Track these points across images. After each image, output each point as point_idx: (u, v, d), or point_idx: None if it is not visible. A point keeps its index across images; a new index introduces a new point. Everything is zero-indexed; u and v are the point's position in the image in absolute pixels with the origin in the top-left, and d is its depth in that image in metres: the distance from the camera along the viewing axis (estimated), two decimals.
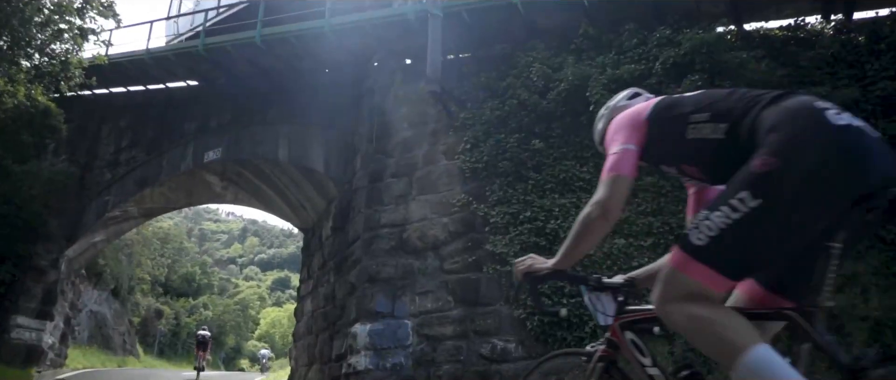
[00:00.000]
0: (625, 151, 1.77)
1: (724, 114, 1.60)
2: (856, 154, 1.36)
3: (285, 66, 11.94)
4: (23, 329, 14.52)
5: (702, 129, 1.63)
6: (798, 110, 1.45)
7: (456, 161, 8.49)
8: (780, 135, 1.40)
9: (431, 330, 7.94)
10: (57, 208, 15.35)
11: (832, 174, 1.35)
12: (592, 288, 2.01)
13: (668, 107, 1.79)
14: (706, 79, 6.46)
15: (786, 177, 1.36)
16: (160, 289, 34.98)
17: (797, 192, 1.34)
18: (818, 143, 1.37)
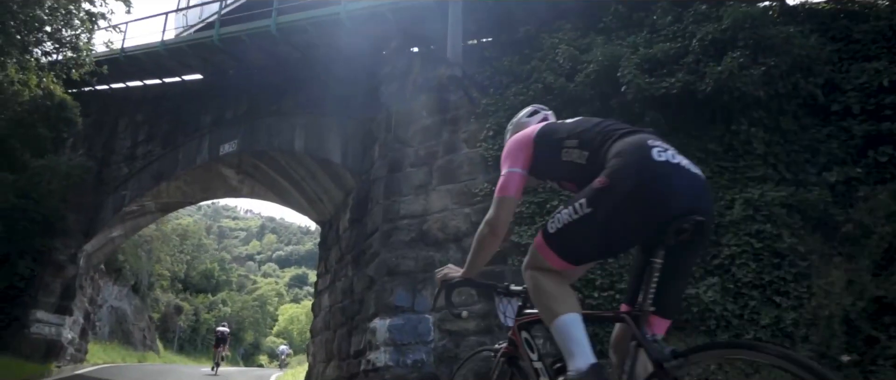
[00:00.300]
0: (510, 175, 2.12)
1: (587, 142, 1.95)
2: (665, 185, 1.70)
3: (301, 55, 11.68)
4: (42, 324, 14.49)
5: (572, 153, 1.99)
6: (633, 144, 1.81)
7: (478, 149, 8.12)
8: (615, 162, 1.78)
9: (454, 325, 7.60)
10: (75, 203, 15.32)
11: (644, 198, 1.70)
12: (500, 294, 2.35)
13: (550, 133, 2.13)
14: (749, 55, 6.03)
15: (611, 194, 1.73)
16: (180, 285, 35.19)
17: (617, 207, 1.71)
18: (638, 172, 1.72)
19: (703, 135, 6.48)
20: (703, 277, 5.95)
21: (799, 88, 6.01)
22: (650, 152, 1.75)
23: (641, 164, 1.73)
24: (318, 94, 11.81)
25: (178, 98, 15.18)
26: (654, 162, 1.72)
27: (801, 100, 6.10)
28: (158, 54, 13.91)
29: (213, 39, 12.40)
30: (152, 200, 15.56)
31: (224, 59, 13.02)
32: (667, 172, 1.72)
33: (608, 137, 1.91)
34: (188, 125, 14.55)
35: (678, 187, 1.72)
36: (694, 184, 1.76)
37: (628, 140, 1.85)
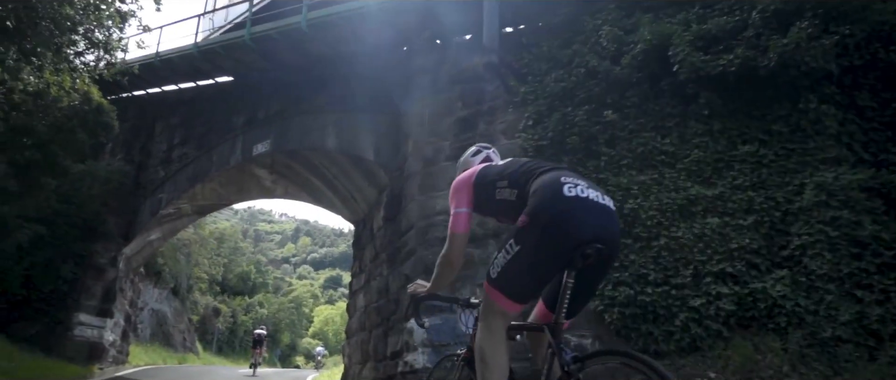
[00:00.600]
0: (458, 214, 2.46)
1: (515, 182, 2.26)
2: (573, 216, 2.03)
3: (331, 51, 11.48)
4: (85, 327, 14.69)
5: (503, 192, 2.31)
6: (547, 182, 2.13)
7: (517, 140, 7.73)
8: (532, 200, 2.11)
9: None
10: (114, 207, 15.52)
11: (557, 229, 2.02)
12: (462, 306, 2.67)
13: (485, 176, 2.44)
14: (818, 25, 5.49)
15: (532, 230, 2.06)
16: (217, 288, 35.69)
17: (538, 240, 2.04)
18: (551, 208, 2.05)
19: (765, 115, 5.96)
20: (769, 269, 5.44)
21: (878, 59, 5.44)
22: (561, 189, 2.07)
23: (553, 200, 2.06)
24: (350, 90, 11.62)
25: (212, 100, 15.24)
26: (564, 197, 2.05)
27: (879, 72, 5.52)
28: (192, 56, 13.94)
29: (244, 39, 12.32)
30: (188, 203, 15.65)
31: (255, 58, 12.94)
32: (575, 206, 2.04)
33: (530, 176, 2.24)
34: (221, 127, 14.59)
35: (584, 219, 2.03)
36: (600, 214, 2.07)
37: (544, 178, 2.17)
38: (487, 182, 2.42)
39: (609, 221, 2.09)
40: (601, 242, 2.00)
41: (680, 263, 5.86)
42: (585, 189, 2.07)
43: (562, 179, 2.11)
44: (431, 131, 8.84)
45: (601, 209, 2.07)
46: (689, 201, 5.98)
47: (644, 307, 5.89)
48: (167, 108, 16.65)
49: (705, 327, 5.48)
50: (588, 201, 2.05)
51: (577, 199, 2.04)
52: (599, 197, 2.09)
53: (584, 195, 2.05)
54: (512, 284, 2.16)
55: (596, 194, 2.08)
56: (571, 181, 2.09)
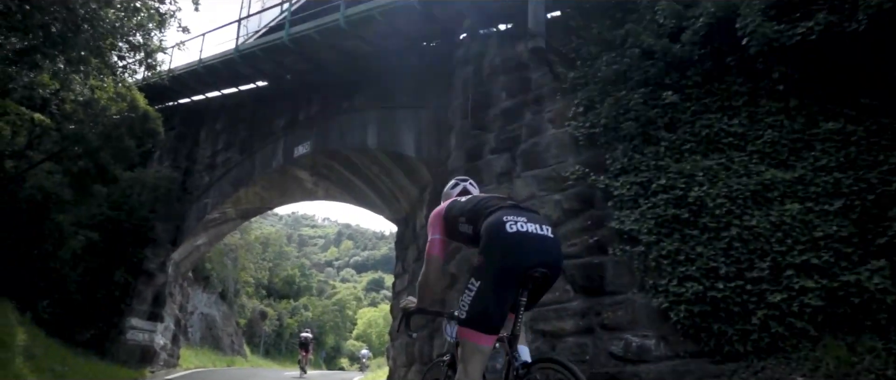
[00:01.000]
0: (433, 241, 2.92)
1: (471, 219, 2.73)
2: (518, 248, 2.45)
3: (371, 47, 11.27)
4: (137, 331, 14.95)
5: (463, 226, 2.78)
6: (492, 223, 2.54)
7: (567, 128, 7.30)
8: (483, 240, 2.55)
9: (548, 325, 6.80)
10: (162, 213, 15.76)
11: (506, 262, 2.45)
12: (447, 318, 2.91)
13: (450, 210, 2.92)
14: None
15: (487, 268, 2.49)
16: (263, 291, 36.21)
17: (494, 275, 2.45)
18: (499, 245, 2.48)
19: (852, 87, 5.35)
20: (863, 259, 4.85)
21: None
22: (504, 227, 2.46)
23: (499, 238, 2.46)
24: (390, 87, 11.40)
25: (253, 104, 15.31)
26: (508, 234, 2.44)
27: None
28: (233, 61, 14.00)
29: (283, 40, 12.26)
30: (232, 207, 15.76)
31: (295, 59, 12.88)
32: (518, 241, 2.43)
33: (480, 215, 2.64)
34: (263, 130, 14.62)
35: (527, 250, 2.43)
36: (539, 244, 2.47)
37: (490, 219, 2.55)
38: (452, 216, 2.87)
39: (547, 248, 2.51)
40: (544, 267, 2.47)
41: (755, 254, 5.32)
42: (525, 224, 2.50)
43: (504, 218, 2.52)
44: (475, 124, 8.49)
45: (541, 239, 2.50)
46: (764, 186, 5.44)
47: (715, 304, 5.38)
48: (211, 114, 16.85)
49: (788, 325, 4.94)
50: (528, 234, 2.48)
51: (518, 233, 2.46)
52: (538, 229, 2.51)
53: (525, 230, 2.48)
54: (481, 317, 2.47)
55: (535, 227, 2.51)
56: (512, 218, 2.51)
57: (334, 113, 12.46)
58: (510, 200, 2.80)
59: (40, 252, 12.72)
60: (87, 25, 7.58)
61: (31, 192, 12.09)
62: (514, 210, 2.59)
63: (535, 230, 2.48)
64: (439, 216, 2.93)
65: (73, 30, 7.55)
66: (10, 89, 11.07)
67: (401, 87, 11.15)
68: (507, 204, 2.67)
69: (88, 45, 8.04)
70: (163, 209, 15.77)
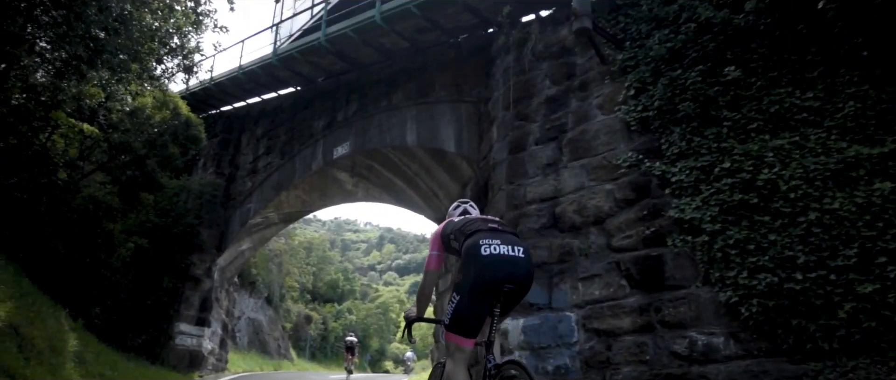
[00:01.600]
0: (431, 256, 3.41)
1: (458, 238, 3.19)
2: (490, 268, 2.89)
3: (408, 42, 11.06)
4: (185, 336, 15.14)
5: (453, 243, 3.25)
6: (469, 245, 3.01)
7: (617, 114, 6.85)
8: (462, 259, 3.06)
9: (602, 323, 6.38)
10: (207, 220, 15.96)
11: (481, 280, 2.91)
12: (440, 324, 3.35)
13: (446, 229, 3.36)
14: None
15: (464, 284, 2.98)
16: (308, 296, 36.61)
17: (470, 290, 2.93)
18: (474, 265, 2.93)
19: None
20: None
21: None
22: (479, 250, 2.95)
23: (474, 259, 2.96)
24: (428, 82, 11.16)
25: (292, 108, 15.35)
26: (481, 256, 2.94)
27: None
28: (271, 65, 14.05)
29: (320, 41, 12.18)
30: (275, 211, 15.82)
31: (332, 60, 12.80)
32: (490, 262, 2.92)
33: (463, 236, 3.15)
34: (302, 133, 14.63)
35: (498, 269, 2.92)
36: (508, 263, 2.94)
37: (468, 242, 3.07)
38: (446, 234, 3.34)
39: (516, 267, 2.94)
40: (512, 283, 2.91)
41: (839, 241, 4.78)
42: (499, 246, 2.94)
43: (480, 241, 2.97)
44: (517, 114, 8.12)
45: (511, 260, 2.94)
46: (847, 165, 4.89)
47: (793, 297, 4.86)
48: (252, 120, 17.02)
49: (884, 319, 4.38)
50: (500, 256, 2.92)
51: (491, 255, 2.91)
52: (510, 250, 2.95)
53: (497, 252, 2.92)
54: (461, 325, 2.98)
55: (507, 249, 2.95)
56: (487, 241, 2.96)
57: (373, 112, 12.30)
58: (492, 222, 3.23)
59: (93, 260, 13.00)
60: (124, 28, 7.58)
61: (83, 202, 12.37)
62: (491, 233, 3.06)
63: (506, 252, 2.95)
64: (437, 234, 3.45)
65: (112, 33, 7.57)
66: (59, 101, 11.37)
67: (439, 82, 10.89)
68: (486, 227, 3.13)
69: (128, 50, 8.07)
70: (208, 216, 15.97)
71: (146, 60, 9.04)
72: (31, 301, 8.33)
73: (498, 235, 3.02)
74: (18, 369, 6.56)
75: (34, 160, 11.63)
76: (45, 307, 9.12)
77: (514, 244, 3.00)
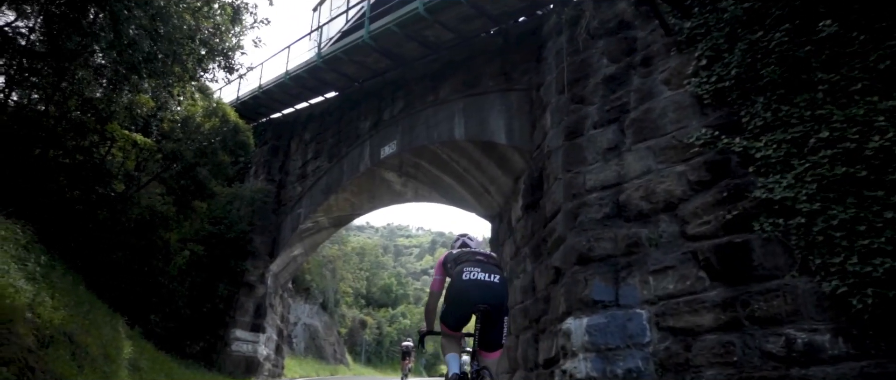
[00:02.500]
0: (435, 279, 4.23)
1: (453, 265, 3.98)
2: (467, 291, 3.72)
3: (453, 33, 10.64)
4: (241, 342, 15.19)
5: (450, 270, 4.02)
6: (456, 272, 3.83)
7: (686, 88, 6.17)
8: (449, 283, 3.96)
9: (679, 321, 5.70)
10: (259, 226, 16.02)
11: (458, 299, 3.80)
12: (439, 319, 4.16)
13: (446, 258, 4.18)
14: None
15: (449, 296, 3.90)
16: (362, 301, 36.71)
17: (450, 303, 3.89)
18: (456, 288, 3.80)
19: None
20: None
21: None
22: (462, 277, 3.79)
23: (457, 284, 3.80)
24: (475, 72, 10.69)
25: (339, 109, 15.21)
26: (463, 281, 3.77)
27: None
28: (317, 68, 13.94)
29: (363, 39, 11.92)
30: (324, 215, 15.70)
31: (376, 58, 12.53)
32: (467, 287, 3.74)
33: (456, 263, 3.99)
34: (349, 134, 14.44)
35: (472, 292, 3.72)
36: (483, 288, 3.74)
37: (456, 270, 3.90)
38: (446, 262, 4.17)
39: (490, 291, 3.76)
40: (485, 304, 3.70)
41: None
42: (478, 273, 3.80)
43: (464, 269, 3.84)
44: (573, 97, 7.52)
45: (486, 284, 3.77)
46: None
47: None
48: (300, 125, 17.03)
49: None
50: (477, 281, 3.77)
51: (469, 281, 3.78)
52: (487, 277, 3.79)
53: (476, 278, 3.78)
54: (448, 321, 3.98)
55: (484, 275, 3.79)
56: (469, 269, 3.83)
57: (419, 108, 11.93)
58: (480, 255, 4.02)
59: (150, 268, 13.18)
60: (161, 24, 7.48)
61: (140, 212, 12.55)
62: (474, 263, 3.88)
63: (483, 278, 3.75)
64: (440, 262, 4.27)
65: (152, 37, 7.48)
66: (113, 113, 11.56)
67: (487, 72, 10.40)
68: (473, 259, 3.94)
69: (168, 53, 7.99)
70: (260, 222, 16.03)
71: (187, 61, 8.95)
72: (86, 309, 8.32)
73: (480, 265, 3.87)
74: (72, 377, 6.48)
75: (93, 172, 11.87)
76: (101, 315, 9.15)
77: (492, 273, 3.83)
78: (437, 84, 11.65)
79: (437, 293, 4.26)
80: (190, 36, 8.43)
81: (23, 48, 10.10)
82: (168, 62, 8.28)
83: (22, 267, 7.31)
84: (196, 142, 13.55)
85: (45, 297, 7.18)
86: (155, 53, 7.85)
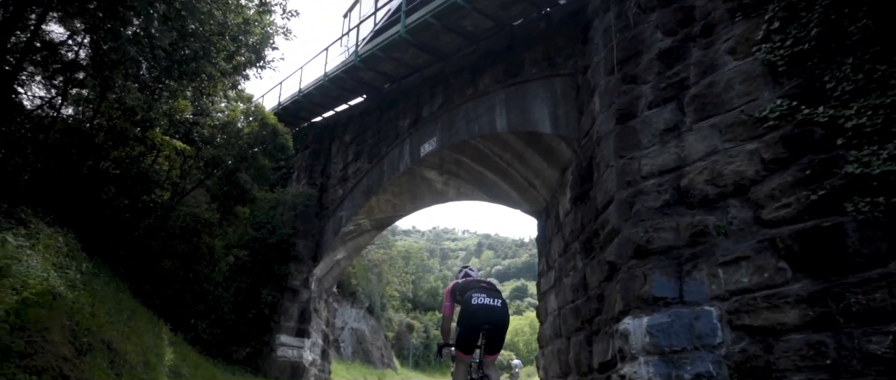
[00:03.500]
0: (445, 305, 5.38)
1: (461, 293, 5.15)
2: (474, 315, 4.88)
3: (492, 21, 10.17)
4: (286, 347, 15.07)
5: (458, 297, 5.16)
6: (465, 299, 4.98)
7: (756, 55, 5.47)
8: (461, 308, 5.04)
9: (757, 318, 5.02)
10: (301, 231, 15.91)
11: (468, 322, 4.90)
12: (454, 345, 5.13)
13: (454, 288, 5.31)
14: None
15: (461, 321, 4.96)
16: (409, 304, 36.50)
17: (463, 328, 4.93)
18: (465, 312, 4.93)
19: None
20: None
21: None
22: (470, 302, 4.86)
23: (467, 306, 4.84)
24: (516, 60, 10.17)
25: (378, 109, 14.96)
26: (471, 306, 4.82)
27: None
28: (355, 67, 13.71)
29: (400, 34, 11.58)
30: (366, 218, 15.44)
31: (413, 53, 12.18)
32: (475, 311, 4.80)
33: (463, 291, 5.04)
34: (388, 134, 14.15)
35: (479, 315, 4.80)
36: (487, 311, 4.84)
37: (465, 297, 4.93)
38: (454, 291, 5.30)
39: (494, 313, 4.87)
40: (488, 324, 4.83)
41: None
42: (484, 299, 4.89)
43: (472, 296, 4.91)
44: (624, 77, 6.90)
45: (490, 308, 4.87)
46: None
47: None
48: (340, 127, 16.89)
49: None
50: (483, 306, 4.84)
51: (477, 305, 4.83)
52: (491, 301, 4.90)
53: (482, 303, 4.85)
54: (461, 345, 4.93)
55: (489, 300, 4.90)
56: (477, 295, 4.91)
57: (458, 102, 11.49)
58: (483, 282, 5.12)
59: (195, 275, 13.20)
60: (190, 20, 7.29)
61: (185, 219, 12.57)
62: (479, 290, 4.98)
63: (488, 302, 4.89)
64: (449, 291, 5.34)
65: (182, 34, 7.31)
66: (153, 120, 11.61)
67: (529, 59, 9.87)
68: (478, 287, 5.03)
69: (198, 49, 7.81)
70: (302, 226, 15.92)
71: (217, 59, 8.77)
72: (127, 316, 8.22)
73: (485, 292, 4.92)
74: None
75: (139, 181, 11.96)
76: (144, 322, 9.07)
77: (495, 298, 4.90)
78: (477, 76, 11.18)
79: (448, 317, 5.43)
80: (219, 32, 8.24)
81: (72, 62, 10.27)
82: (200, 61, 8.11)
83: (62, 275, 7.25)
84: (236, 147, 13.52)
85: (85, 304, 7.08)
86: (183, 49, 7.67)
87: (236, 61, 9.40)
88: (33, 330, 5.85)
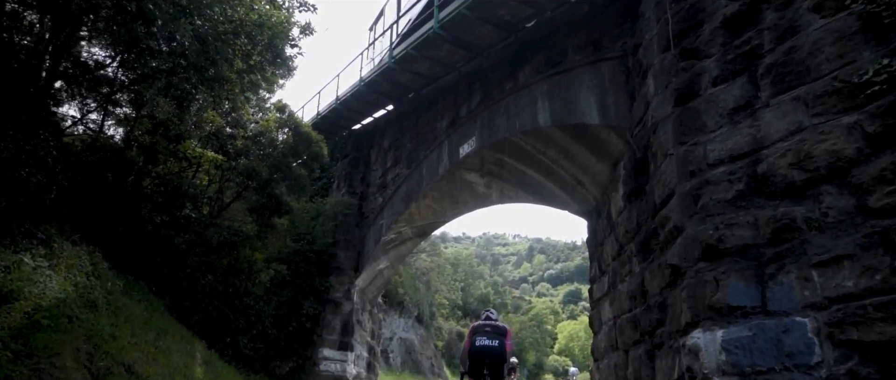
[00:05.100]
0: (466, 342, 6.48)
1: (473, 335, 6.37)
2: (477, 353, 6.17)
3: (530, 7, 9.40)
4: (329, 361, 14.62)
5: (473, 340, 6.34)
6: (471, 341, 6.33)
7: (852, 8, 4.49)
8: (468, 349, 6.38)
9: (867, 332, 4.03)
10: (342, 241, 15.49)
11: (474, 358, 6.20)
12: None
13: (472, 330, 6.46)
14: None
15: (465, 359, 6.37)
16: (459, 312, 35.78)
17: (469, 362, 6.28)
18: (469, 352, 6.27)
19: None
20: None
21: None
22: (475, 343, 6.19)
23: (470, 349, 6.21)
24: (557, 48, 9.36)
25: (415, 112, 14.41)
26: (476, 346, 6.15)
27: None
28: (390, 69, 13.17)
29: (433, 29, 10.94)
30: (407, 225, 14.85)
31: (448, 50, 11.52)
32: (478, 351, 6.13)
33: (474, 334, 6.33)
34: (426, 137, 13.55)
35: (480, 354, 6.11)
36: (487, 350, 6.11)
37: (472, 339, 6.28)
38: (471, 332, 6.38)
39: (491, 352, 6.07)
40: (488, 359, 6.06)
41: None
42: (484, 341, 6.14)
43: (476, 339, 6.17)
44: (682, 53, 5.98)
45: (488, 348, 6.09)
46: None
47: None
48: (378, 133, 16.44)
49: None
50: (484, 346, 6.09)
51: (478, 345, 6.11)
52: (490, 342, 6.12)
53: (482, 344, 6.11)
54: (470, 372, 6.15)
55: (488, 342, 6.13)
56: (479, 338, 6.17)
57: (497, 98, 10.75)
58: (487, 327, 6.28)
59: (234, 290, 12.92)
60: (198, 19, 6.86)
61: (224, 233, 12.32)
62: (482, 333, 6.21)
63: (487, 343, 6.11)
64: (469, 332, 6.46)
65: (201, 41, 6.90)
66: (183, 132, 11.40)
67: (572, 45, 9.03)
68: (483, 330, 6.25)
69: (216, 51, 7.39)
70: (343, 237, 15.49)
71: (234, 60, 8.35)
72: (154, 336, 7.84)
73: (486, 335, 6.19)
74: None
75: (177, 197, 11.78)
76: (175, 341, 8.71)
77: (493, 339, 6.15)
78: (516, 69, 10.41)
79: (467, 350, 6.27)
80: (234, 31, 7.82)
81: (109, 79, 10.20)
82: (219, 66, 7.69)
83: (83, 295, 6.94)
84: (270, 158, 13.21)
85: (105, 325, 6.71)
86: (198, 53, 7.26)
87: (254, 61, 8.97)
88: (42, 356, 5.47)
